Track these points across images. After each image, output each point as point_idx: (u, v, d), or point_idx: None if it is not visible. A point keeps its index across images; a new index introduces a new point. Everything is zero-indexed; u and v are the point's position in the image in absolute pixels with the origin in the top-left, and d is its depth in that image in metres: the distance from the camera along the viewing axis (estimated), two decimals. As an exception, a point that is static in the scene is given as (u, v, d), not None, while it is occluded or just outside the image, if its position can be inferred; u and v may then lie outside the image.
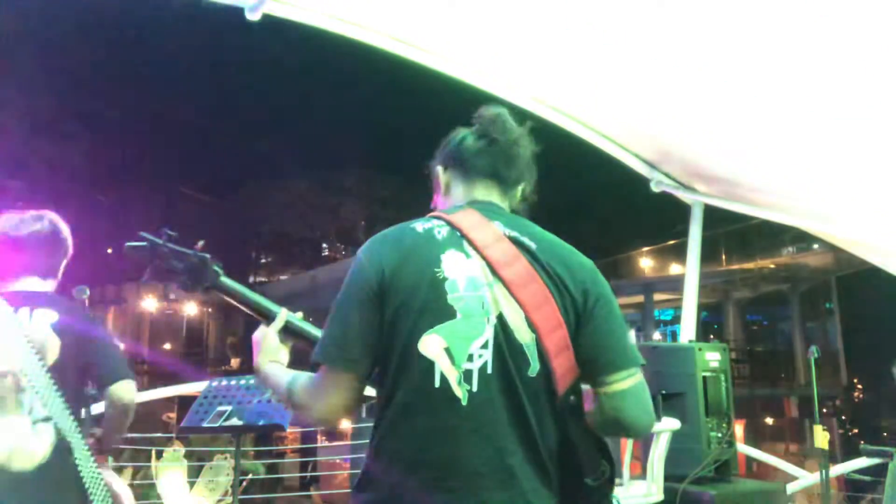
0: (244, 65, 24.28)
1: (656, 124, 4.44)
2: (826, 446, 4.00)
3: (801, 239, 19.49)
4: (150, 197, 24.45)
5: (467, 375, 1.29)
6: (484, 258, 1.35)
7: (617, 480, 3.68)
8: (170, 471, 4.23)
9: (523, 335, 1.32)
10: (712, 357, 4.21)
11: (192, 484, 4.32)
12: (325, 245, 31.08)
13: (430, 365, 1.29)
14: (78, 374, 1.99)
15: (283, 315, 1.60)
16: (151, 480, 4.71)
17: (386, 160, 26.19)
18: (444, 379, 1.29)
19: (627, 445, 3.80)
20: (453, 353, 1.30)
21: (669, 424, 3.73)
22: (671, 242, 22.37)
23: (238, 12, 3.75)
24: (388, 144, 26.85)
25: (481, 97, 4.50)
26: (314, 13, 3.93)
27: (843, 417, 20.27)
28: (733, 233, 19.90)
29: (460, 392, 1.29)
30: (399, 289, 1.32)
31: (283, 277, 28.76)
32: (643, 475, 3.79)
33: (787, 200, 4.55)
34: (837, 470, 5.77)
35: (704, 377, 4.12)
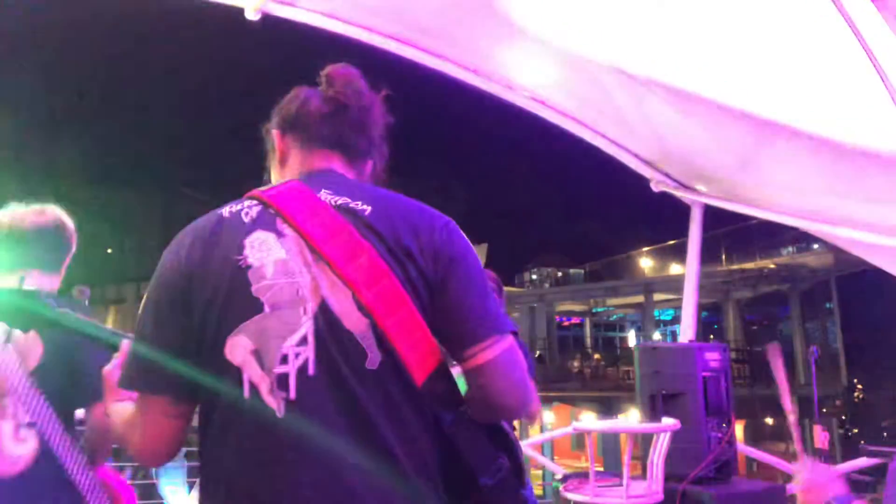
0: (244, 64, 24.30)
1: (656, 124, 4.44)
2: (826, 446, 4.00)
3: (801, 239, 19.52)
4: (150, 197, 24.46)
5: (282, 381, 1.05)
6: (301, 235, 1.11)
7: (617, 480, 3.69)
8: (170, 471, 4.23)
9: (354, 322, 1.08)
10: (712, 357, 4.21)
11: (192, 484, 4.31)
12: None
13: (237, 373, 1.06)
14: (64, 377, 1.88)
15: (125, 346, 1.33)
16: (152, 480, 4.71)
17: (385, 160, 26.16)
18: (254, 389, 1.05)
19: (627, 445, 3.80)
20: (262, 356, 1.06)
21: (669, 424, 3.73)
22: (671, 242, 22.40)
23: (238, 12, 3.76)
24: (389, 144, 26.81)
25: (482, 97, 4.51)
26: (314, 13, 3.93)
27: (843, 417, 20.26)
28: (733, 233, 19.92)
29: (274, 402, 1.05)
30: (203, 286, 1.10)
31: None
32: (643, 475, 3.79)
33: (788, 200, 4.55)
34: (837, 470, 5.76)
35: (704, 377, 4.13)
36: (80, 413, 2.02)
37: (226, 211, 1.18)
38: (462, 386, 1.16)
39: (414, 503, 1.07)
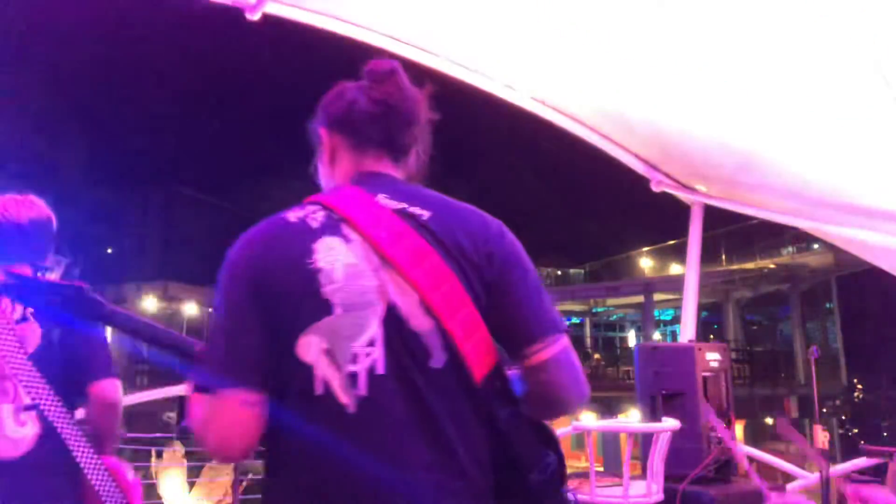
0: (244, 64, 24.29)
1: (656, 124, 4.44)
2: (826, 446, 4.00)
3: (801, 239, 19.51)
4: (149, 197, 24.46)
5: (352, 379, 1.10)
6: (367, 240, 1.16)
7: (617, 480, 3.69)
8: (170, 471, 4.22)
9: (420, 323, 1.13)
10: (712, 357, 4.21)
11: (191, 484, 4.31)
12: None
13: (309, 371, 1.11)
14: (64, 362, 1.91)
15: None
16: (152, 480, 4.71)
17: (386, 160, 26.14)
18: (326, 386, 1.10)
19: (627, 445, 3.80)
20: (334, 355, 1.11)
21: (669, 424, 3.73)
22: (671, 242, 22.39)
23: (238, 12, 3.76)
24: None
25: (481, 97, 4.51)
26: (314, 13, 3.93)
27: (843, 417, 20.26)
28: (733, 233, 19.93)
29: (346, 398, 1.10)
30: (273, 288, 1.14)
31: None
32: (643, 475, 3.79)
33: (787, 200, 4.55)
34: (837, 470, 5.77)
35: (704, 377, 4.13)
36: (79, 413, 2.03)
37: (291, 216, 1.22)
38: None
39: (470, 497, 1.12)
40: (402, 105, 1.29)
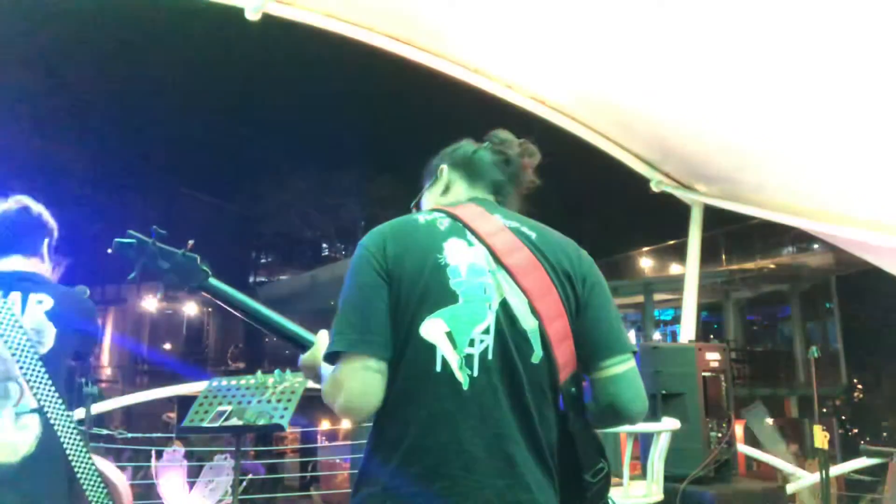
0: (244, 64, 24.28)
1: (656, 124, 4.44)
2: (826, 446, 4.00)
3: (801, 239, 19.47)
4: (150, 197, 24.46)
5: (468, 360, 1.28)
6: (487, 246, 1.37)
7: (617, 480, 3.69)
8: (170, 471, 4.22)
9: (528, 322, 1.32)
10: (712, 357, 4.21)
11: (191, 484, 4.31)
12: (325, 245, 31.09)
13: (431, 349, 1.28)
14: (70, 364, 1.97)
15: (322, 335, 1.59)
16: (151, 480, 4.71)
17: (386, 160, 26.18)
18: (445, 363, 1.28)
19: (627, 445, 3.80)
20: (455, 338, 1.29)
21: (669, 424, 3.73)
22: (671, 242, 22.37)
23: (238, 12, 3.76)
24: (389, 144, 26.84)
25: (481, 97, 4.51)
26: (314, 13, 3.93)
27: (843, 417, 20.25)
28: (733, 233, 19.90)
29: (462, 376, 1.28)
30: (402, 275, 1.32)
31: (283, 277, 28.76)
32: (643, 475, 3.79)
33: (787, 200, 4.54)
34: (837, 470, 5.77)
35: (704, 377, 4.12)
36: (80, 413, 2.04)
37: (420, 218, 1.43)
38: None
39: (546, 479, 1.29)
40: (518, 160, 1.56)
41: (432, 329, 1.29)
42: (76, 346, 1.97)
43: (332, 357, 1.33)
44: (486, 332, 1.30)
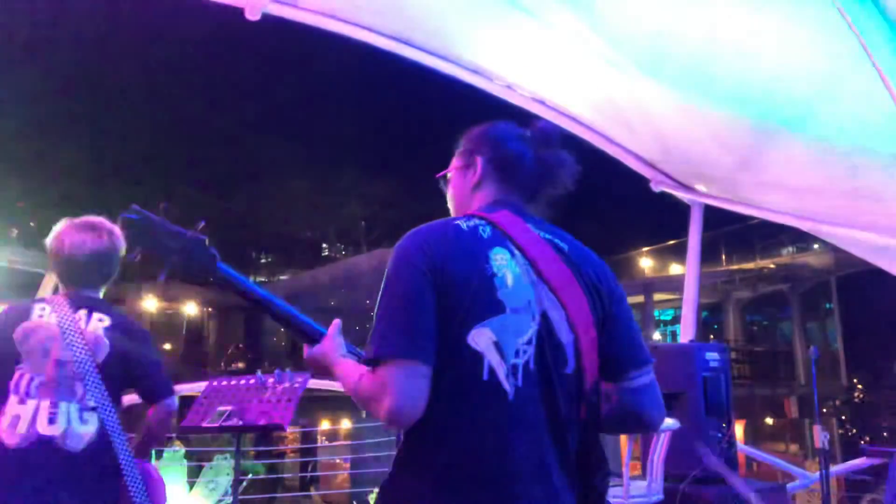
0: (244, 64, 24.28)
1: (656, 124, 4.44)
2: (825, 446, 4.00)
3: (801, 239, 19.48)
4: (150, 197, 24.42)
5: (514, 370, 1.30)
6: (527, 258, 1.39)
7: (617, 480, 3.69)
8: (170, 471, 4.22)
9: (564, 334, 1.36)
10: (712, 357, 4.21)
11: (191, 484, 4.31)
12: (325, 245, 31.10)
13: (478, 358, 1.29)
14: (121, 377, 2.19)
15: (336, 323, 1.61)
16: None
17: (386, 160, 26.19)
18: (492, 372, 1.29)
19: (627, 445, 3.80)
20: (502, 348, 1.30)
21: (669, 424, 3.73)
22: (671, 242, 22.37)
23: (238, 12, 3.76)
24: (389, 144, 26.85)
25: (481, 98, 4.51)
26: (314, 13, 3.93)
27: (843, 417, 20.25)
28: (733, 233, 19.89)
29: (508, 386, 1.29)
30: (449, 281, 1.31)
31: (283, 277, 28.76)
32: (643, 475, 3.79)
33: (788, 200, 4.55)
34: (837, 470, 5.77)
35: (704, 377, 4.13)
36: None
37: (462, 224, 1.41)
38: None
39: (569, 485, 1.34)
40: (557, 171, 1.54)
41: (480, 338, 1.30)
42: (126, 365, 2.21)
43: (375, 360, 1.31)
44: (529, 342, 1.32)
